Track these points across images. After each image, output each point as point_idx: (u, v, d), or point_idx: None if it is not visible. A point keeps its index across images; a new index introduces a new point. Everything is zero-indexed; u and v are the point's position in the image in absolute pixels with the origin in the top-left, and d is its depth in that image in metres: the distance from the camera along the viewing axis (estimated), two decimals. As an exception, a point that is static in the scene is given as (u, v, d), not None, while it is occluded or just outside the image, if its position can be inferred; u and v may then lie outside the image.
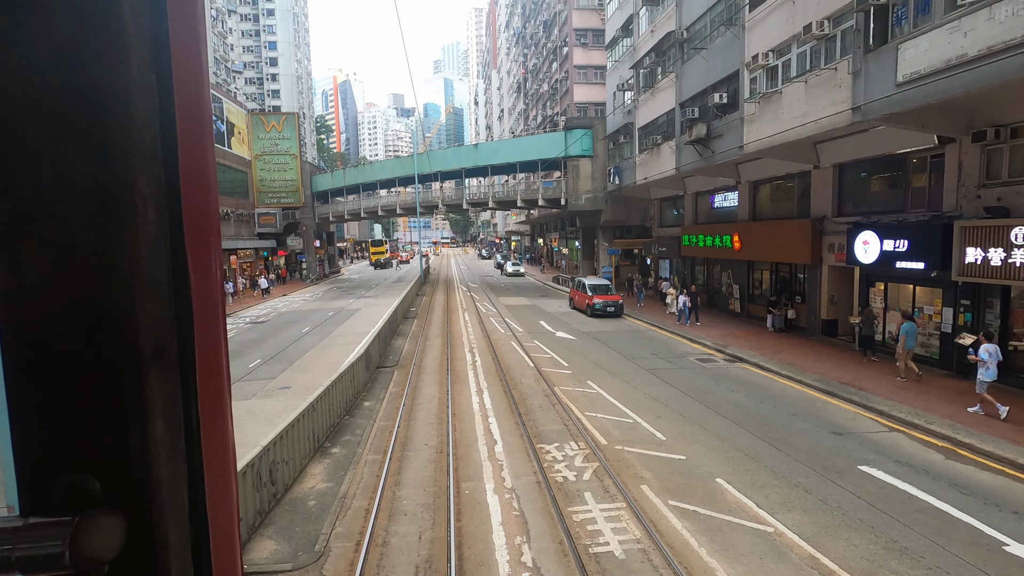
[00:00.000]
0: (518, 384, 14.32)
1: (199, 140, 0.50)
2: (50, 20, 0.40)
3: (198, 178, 0.50)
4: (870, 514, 7.49)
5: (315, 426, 10.09)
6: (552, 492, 8.22)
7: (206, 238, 0.51)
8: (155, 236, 0.46)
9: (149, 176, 0.45)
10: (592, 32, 46.40)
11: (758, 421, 11.27)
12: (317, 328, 24.18)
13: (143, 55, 0.44)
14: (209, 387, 0.51)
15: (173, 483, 0.48)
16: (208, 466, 0.51)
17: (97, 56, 0.42)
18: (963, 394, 12.41)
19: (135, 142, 0.44)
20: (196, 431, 0.50)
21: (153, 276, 0.46)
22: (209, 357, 0.51)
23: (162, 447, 0.47)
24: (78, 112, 0.42)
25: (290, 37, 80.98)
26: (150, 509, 0.47)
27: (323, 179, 51.89)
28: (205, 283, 0.51)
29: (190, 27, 0.48)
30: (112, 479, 0.46)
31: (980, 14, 10.12)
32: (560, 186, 37.95)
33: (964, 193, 13.50)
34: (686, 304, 22.42)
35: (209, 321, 0.52)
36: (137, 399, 0.46)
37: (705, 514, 7.57)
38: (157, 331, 0.47)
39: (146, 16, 0.44)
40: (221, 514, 0.52)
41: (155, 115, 0.45)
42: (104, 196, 0.44)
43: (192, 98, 0.49)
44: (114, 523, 0.45)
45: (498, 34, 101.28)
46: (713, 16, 20.88)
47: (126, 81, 0.43)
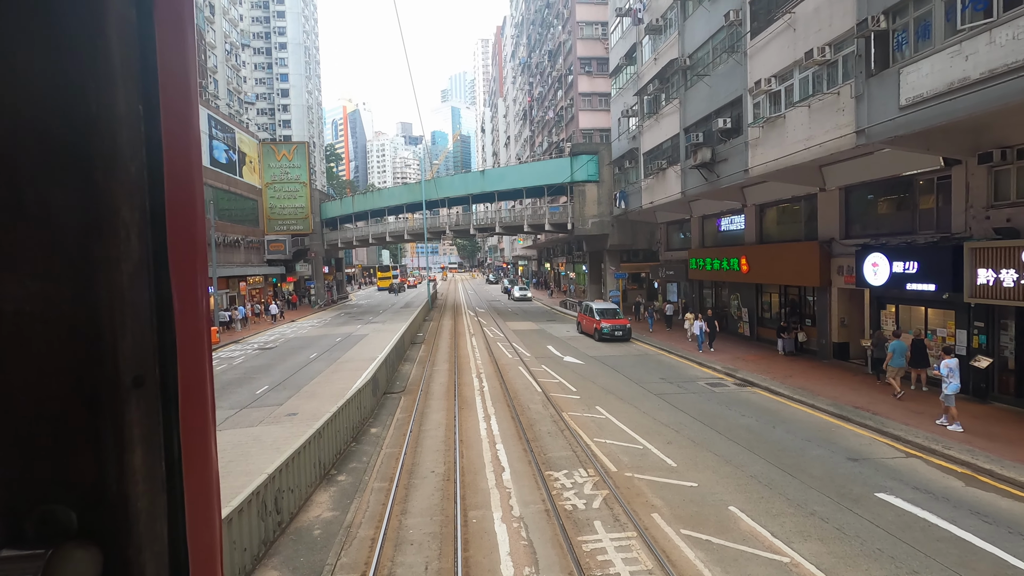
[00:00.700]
0: (526, 410, 14.18)
1: (186, 169, 0.50)
2: (35, 49, 0.40)
3: (184, 207, 0.50)
4: (889, 543, 7.26)
5: (321, 453, 10.00)
6: (561, 521, 8.05)
7: (191, 266, 0.51)
8: (137, 264, 0.46)
9: (133, 205, 0.45)
10: (596, 60, 47.28)
11: (771, 447, 11.06)
12: (325, 354, 24.18)
13: (130, 85, 0.44)
14: (192, 416, 0.51)
15: (152, 515, 0.47)
16: (189, 497, 0.50)
17: (83, 86, 0.42)
18: (981, 418, 12.14)
19: (119, 172, 0.45)
20: (178, 461, 0.49)
21: (135, 304, 0.46)
22: (192, 385, 0.51)
23: (140, 477, 0.46)
24: (63, 142, 0.43)
25: (301, 69, 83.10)
26: (127, 542, 0.46)
27: (332, 206, 52.57)
28: (190, 311, 0.50)
29: (179, 55, 0.48)
30: (88, 510, 0.45)
31: (980, 38, 10.23)
32: (566, 211, 38.20)
33: (973, 214, 13.44)
34: (702, 329, 21.75)
35: (193, 349, 0.51)
36: (115, 428, 0.45)
37: (718, 543, 7.37)
38: (138, 359, 0.46)
39: (134, 46, 0.44)
40: (202, 547, 0.51)
41: (141, 145, 0.46)
42: (86, 225, 0.44)
43: (180, 127, 0.49)
44: (89, 557, 0.44)
45: (504, 64, 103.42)
46: (715, 44, 21.24)
47: (112, 111, 0.44)
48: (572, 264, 52.64)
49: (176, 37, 0.48)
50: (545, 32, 61.24)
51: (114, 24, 0.43)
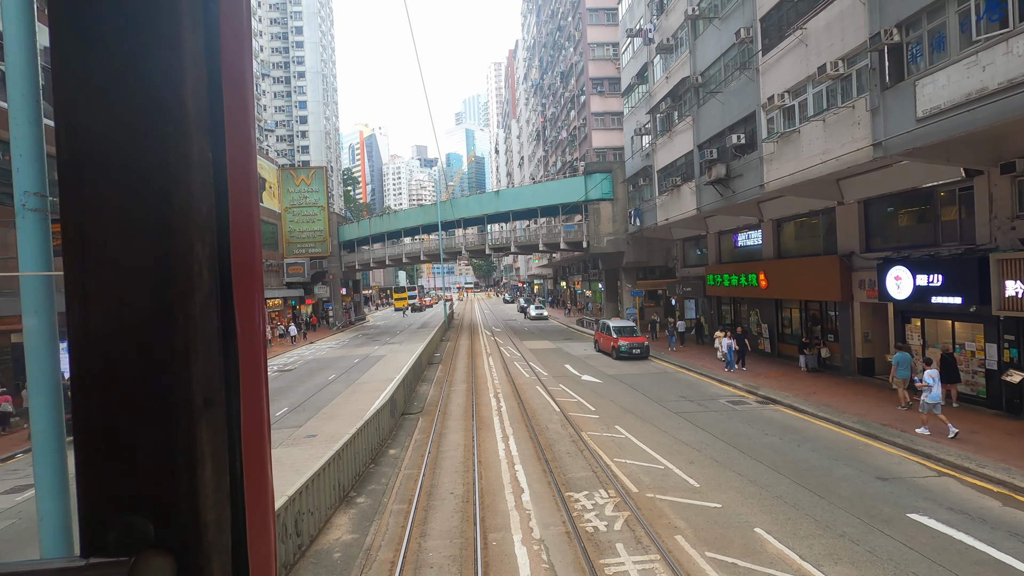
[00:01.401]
0: (544, 430, 14.05)
1: (247, 209, 0.55)
2: (127, 107, 0.47)
3: (245, 243, 0.55)
4: (924, 566, 7.00)
5: (340, 475, 10.00)
6: (583, 543, 7.91)
7: (251, 296, 0.56)
8: (208, 295, 0.51)
9: (204, 242, 0.50)
10: (608, 80, 47.74)
11: (796, 466, 10.79)
12: (343, 375, 24.31)
13: (202, 136, 0.50)
14: (252, 434, 0.55)
15: (219, 525, 0.51)
16: (250, 509, 0.54)
17: (164, 137, 0.48)
18: (1016, 436, 11.73)
19: (194, 212, 0.50)
20: (240, 476, 0.53)
21: (205, 331, 0.50)
22: (252, 406, 0.55)
23: (210, 491, 0.50)
24: (147, 186, 0.48)
25: (319, 96, 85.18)
26: (198, 550, 0.49)
27: (349, 229, 53.34)
28: (250, 337, 0.55)
29: (242, 108, 0.54)
30: (164, 521, 0.49)
31: (997, 48, 10.15)
32: (581, 229, 38.25)
33: (997, 225, 13.17)
34: (731, 348, 20.68)
35: (253, 372, 0.55)
36: (189, 446, 0.50)
37: (745, 567, 7.17)
38: (208, 382, 0.51)
39: (204, 101, 0.50)
40: (260, 556, 0.55)
41: (211, 188, 0.51)
42: (166, 260, 0.49)
43: (242, 171, 0.54)
44: (166, 564, 0.48)
45: (517, 86, 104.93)
46: (727, 61, 21.34)
47: (188, 159, 0.49)
48: (588, 282, 52.52)
49: (239, 93, 0.54)
50: (557, 54, 62.13)
51: (192, 85, 0.49)
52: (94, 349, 0.48)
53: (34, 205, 3.57)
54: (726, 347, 20.86)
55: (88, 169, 0.48)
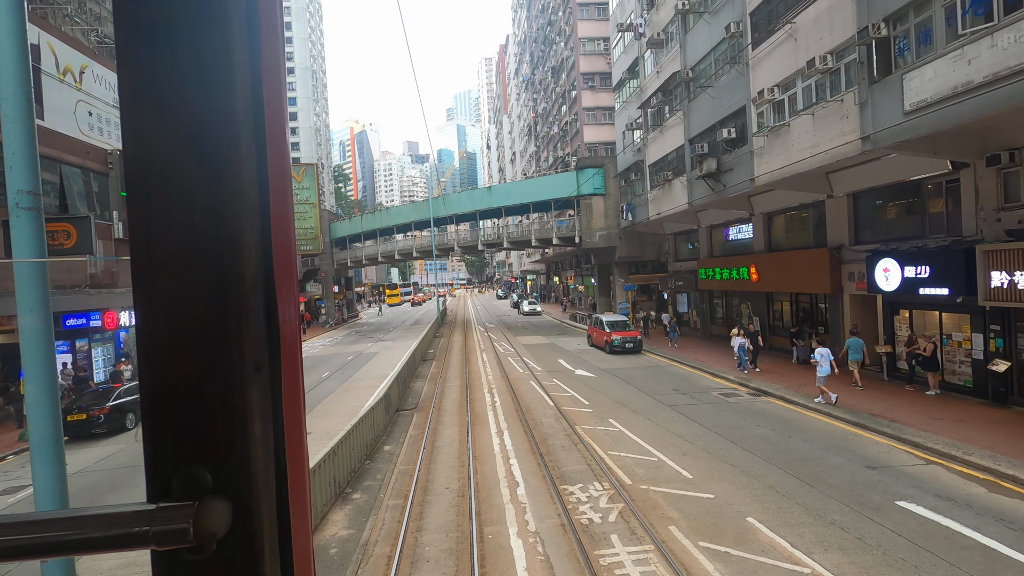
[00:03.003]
0: (539, 424, 14.13)
1: (284, 198, 0.62)
2: (189, 113, 0.55)
3: (283, 228, 0.61)
4: (912, 552, 7.14)
5: (336, 472, 10.03)
6: (577, 535, 8.00)
7: (288, 275, 0.62)
8: (255, 273, 0.57)
9: (252, 227, 0.57)
10: (599, 75, 47.75)
11: (788, 456, 10.94)
12: (337, 372, 24.29)
13: (248, 133, 0.57)
14: (291, 397, 0.61)
15: (267, 476, 0.58)
16: (290, 462, 0.60)
17: (219, 136, 0.55)
18: (1001, 423, 11.95)
19: (243, 200, 0.56)
20: (281, 433, 0.59)
21: (253, 305, 0.57)
22: (291, 372, 0.61)
23: (260, 445, 0.57)
24: (206, 177, 0.55)
25: (309, 92, 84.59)
26: (250, 496, 0.56)
27: (341, 226, 53.12)
28: (288, 312, 0.61)
29: (278, 107, 0.61)
30: (221, 471, 0.55)
31: (982, 42, 10.27)
32: (574, 224, 38.32)
33: (983, 217, 13.36)
34: (743, 346, 19.20)
35: (291, 343, 0.62)
36: (241, 405, 0.56)
37: (737, 555, 7.28)
38: (257, 350, 0.57)
39: (248, 103, 0.57)
40: (299, 503, 0.62)
41: (255, 179, 0.57)
42: (221, 242, 0.56)
43: (280, 164, 0.60)
44: (224, 507, 0.55)
45: (508, 81, 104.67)
46: (717, 55, 21.42)
47: (238, 153, 0.56)
48: (581, 277, 52.67)
49: (277, 94, 0.61)
50: (548, 49, 62.02)
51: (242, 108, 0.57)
52: (161, 320, 0.55)
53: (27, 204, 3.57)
54: (736, 345, 19.54)
55: (153, 168, 0.55)
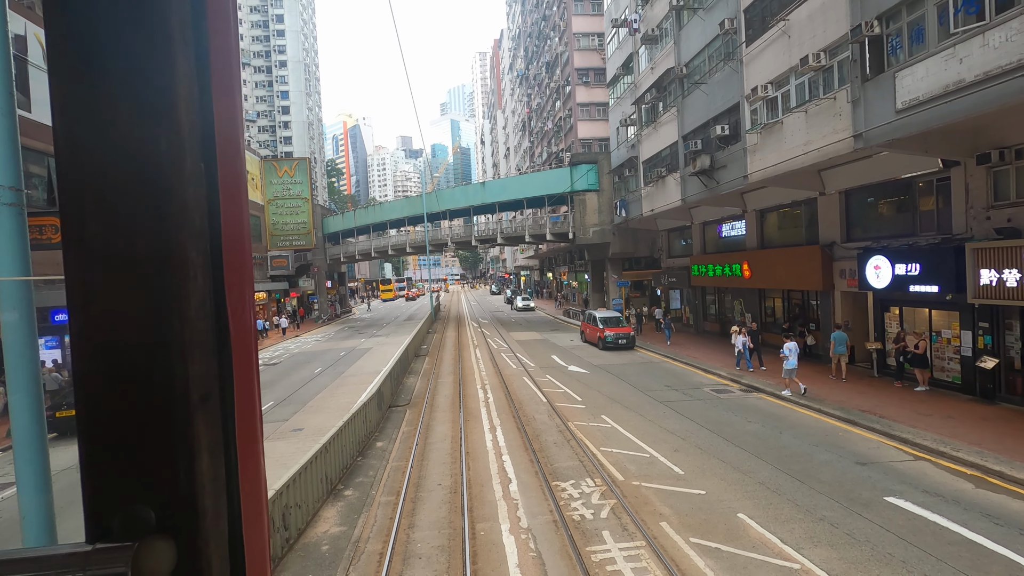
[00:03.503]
0: (531, 420, 14.15)
1: (237, 216, 0.59)
2: (122, 115, 0.50)
3: (236, 249, 0.58)
4: (900, 548, 7.21)
5: (328, 468, 10.00)
6: (569, 531, 8.02)
7: (243, 298, 0.59)
8: (203, 298, 0.54)
9: (198, 249, 0.53)
10: (593, 71, 47.65)
11: (778, 453, 11.01)
12: (329, 368, 24.20)
13: (195, 148, 0.53)
14: (245, 427, 0.58)
15: (216, 512, 0.55)
16: (244, 498, 0.57)
17: (159, 152, 0.51)
18: (989, 420, 12.08)
19: (188, 221, 0.53)
20: (235, 466, 0.57)
21: (200, 332, 0.54)
22: (245, 400, 0.58)
23: (207, 480, 0.54)
24: (145, 197, 0.51)
25: (301, 86, 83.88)
26: (197, 535, 0.53)
27: (334, 221, 52.84)
28: (242, 336, 0.58)
29: (232, 118, 0.57)
30: (165, 509, 0.52)
31: (974, 41, 10.32)
32: (567, 220, 38.32)
33: (973, 215, 13.46)
34: (746, 345, 18.77)
35: (245, 369, 0.59)
36: (186, 439, 0.53)
37: (728, 551, 7.33)
38: (204, 379, 0.54)
39: (196, 115, 0.53)
40: (255, 541, 0.59)
41: (203, 198, 0.54)
42: (163, 266, 0.52)
43: (232, 181, 0.57)
44: (167, 547, 0.51)
45: (502, 76, 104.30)
46: (711, 52, 21.42)
47: (182, 171, 0.52)
48: (574, 273, 52.70)
49: (229, 104, 0.56)
50: (542, 44, 61.81)
51: (184, 92, 0.52)
52: (96, 350, 0.51)
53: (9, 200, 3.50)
54: (740, 344, 19.09)
55: (87, 179, 0.50)
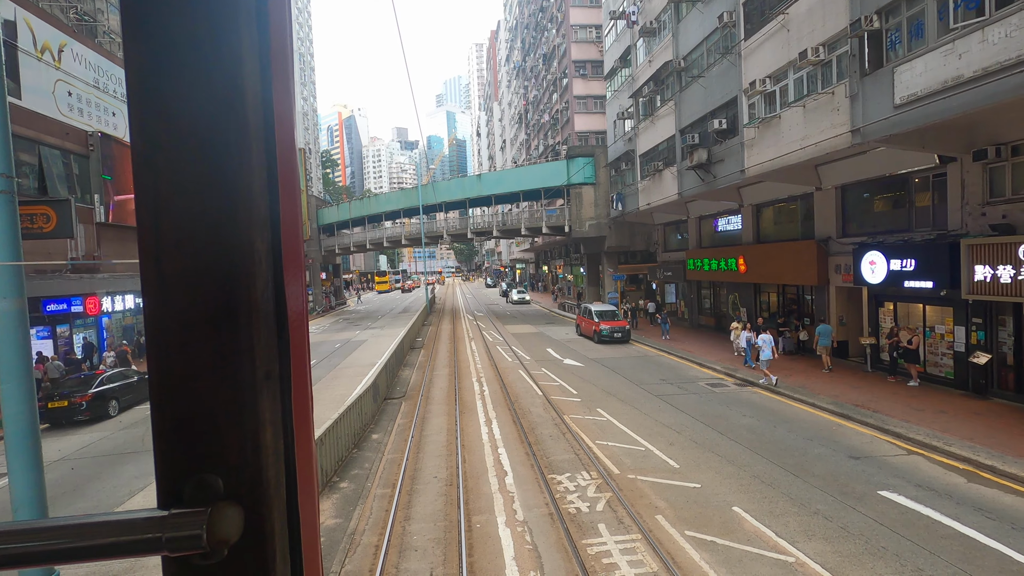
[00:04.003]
0: (527, 413, 14.16)
1: (293, 206, 0.63)
2: (197, 120, 0.55)
3: (292, 238, 0.62)
4: (894, 541, 7.27)
5: (323, 460, 9.97)
6: (565, 524, 8.04)
7: (298, 283, 0.63)
8: (266, 283, 0.58)
9: (263, 238, 0.58)
10: (591, 63, 47.43)
11: (773, 446, 11.07)
12: (324, 360, 24.14)
13: (259, 141, 0.57)
14: (300, 402, 0.62)
15: (278, 482, 0.59)
16: (299, 468, 0.61)
17: (228, 145, 0.55)
18: (981, 414, 12.18)
19: (254, 212, 0.57)
20: (291, 440, 0.61)
21: (264, 314, 0.58)
22: (300, 378, 0.62)
23: (271, 452, 0.58)
24: (216, 189, 0.55)
25: (296, 76, 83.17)
26: (261, 502, 0.57)
27: (329, 212, 52.55)
28: (297, 320, 0.62)
29: (287, 110, 0.61)
30: (232, 478, 0.56)
31: (973, 36, 10.30)
32: (563, 213, 38.26)
33: (969, 211, 13.50)
34: (750, 341, 17.98)
35: (300, 349, 0.63)
36: (253, 413, 0.57)
37: (723, 544, 7.36)
38: (267, 358, 0.58)
39: (259, 109, 0.57)
40: (308, 508, 0.63)
41: (265, 190, 0.58)
42: (233, 254, 0.56)
43: (288, 172, 0.61)
44: (236, 512, 0.55)
45: (499, 68, 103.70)
46: (709, 45, 21.34)
47: (249, 165, 0.56)
48: (570, 266, 52.70)
49: (285, 96, 0.61)
50: (539, 36, 61.44)
51: (251, 96, 0.57)
52: (171, 331, 0.55)
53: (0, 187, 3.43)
54: (744, 341, 18.42)
55: (162, 172, 0.54)
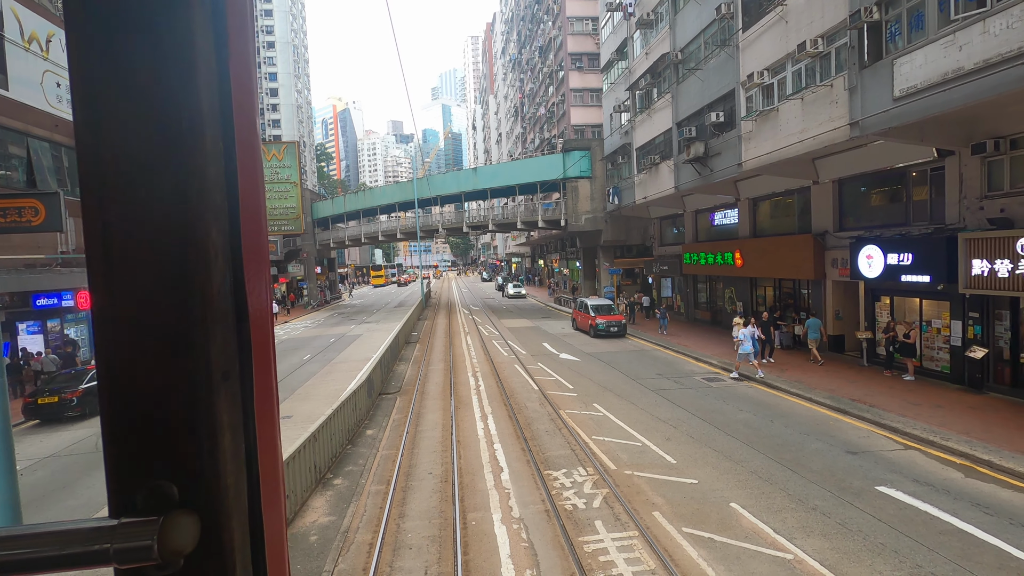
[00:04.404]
0: (523, 408, 14.07)
1: (254, 195, 0.59)
2: (147, 100, 0.52)
3: (253, 229, 0.59)
4: (892, 537, 7.22)
5: (317, 457, 9.85)
6: (562, 521, 7.95)
7: (260, 277, 0.61)
8: (223, 278, 0.55)
9: (219, 229, 0.55)
10: (587, 56, 47.13)
11: (770, 441, 11.02)
12: (319, 355, 23.98)
13: (215, 124, 0.54)
14: (263, 404, 0.60)
15: (238, 489, 0.56)
16: (263, 474, 0.59)
17: (180, 128, 0.53)
18: (977, 409, 12.16)
19: (209, 200, 0.54)
20: (254, 444, 0.58)
21: (221, 311, 0.55)
22: (263, 378, 0.60)
23: (229, 457, 0.56)
24: (167, 175, 0.53)
25: (290, 68, 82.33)
26: (219, 511, 0.55)
27: (323, 206, 52.20)
28: (259, 316, 0.60)
29: (248, 92, 0.59)
30: (188, 485, 0.54)
31: (974, 28, 10.19)
32: (560, 207, 38.09)
33: (967, 205, 13.44)
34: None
35: (262, 347, 0.60)
36: (209, 416, 0.55)
37: (721, 541, 7.30)
38: (225, 357, 0.56)
39: (215, 90, 0.54)
40: (273, 517, 0.60)
41: (222, 177, 0.55)
42: (185, 245, 0.53)
43: (249, 159, 0.58)
44: (191, 521, 0.53)
45: (494, 60, 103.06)
46: (706, 38, 21.16)
47: (203, 148, 0.54)
48: (566, 260, 52.59)
49: (245, 77, 0.58)
50: (535, 28, 61.00)
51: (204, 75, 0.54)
52: (119, 327, 0.53)
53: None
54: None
55: (108, 156, 0.52)
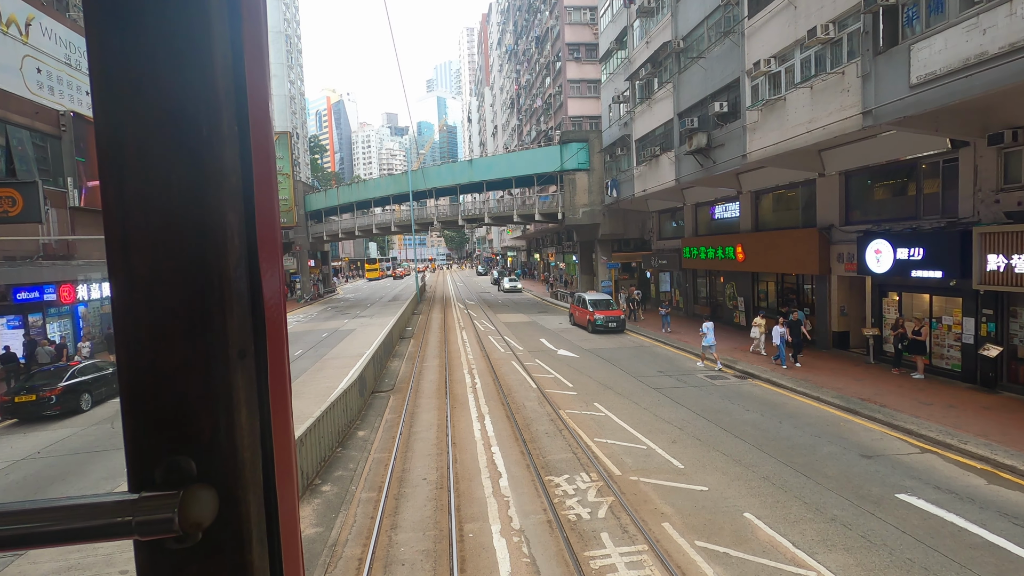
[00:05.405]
0: (521, 408, 13.55)
1: (267, 178, 0.61)
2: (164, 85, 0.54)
3: (267, 213, 0.60)
4: (920, 552, 6.74)
5: (304, 461, 9.30)
6: (565, 533, 7.44)
7: (273, 261, 0.62)
8: (239, 259, 0.57)
9: (235, 212, 0.56)
10: (585, 46, 46.39)
11: (780, 444, 10.54)
12: (310, 351, 23.36)
13: (230, 109, 0.56)
14: (277, 382, 0.61)
15: (254, 464, 0.58)
16: (277, 449, 0.60)
17: (197, 112, 0.54)
18: (992, 409, 11.73)
19: (225, 185, 0.56)
20: (268, 420, 0.59)
21: (237, 291, 0.57)
22: (276, 357, 0.61)
23: (245, 433, 0.57)
24: (184, 156, 0.54)
25: (282, 58, 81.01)
26: (236, 485, 0.56)
27: (317, 198, 51.36)
28: (273, 297, 0.61)
29: (261, 77, 0.60)
30: (206, 459, 0.55)
31: (1000, 10, 9.65)
32: (556, 200, 37.44)
33: (981, 198, 12.96)
34: (783, 338, 16.26)
35: (276, 328, 0.61)
36: (227, 393, 0.56)
37: (737, 556, 6.80)
38: (242, 336, 0.57)
39: (230, 74, 0.56)
40: (287, 490, 0.62)
41: (237, 162, 0.56)
42: (203, 228, 0.55)
43: (262, 142, 0.59)
44: (210, 495, 0.54)
45: (490, 51, 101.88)
46: (710, 25, 20.55)
47: (220, 132, 0.55)
48: (562, 255, 52.00)
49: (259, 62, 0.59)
50: (532, 18, 60.10)
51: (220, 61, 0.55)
52: (139, 310, 0.54)
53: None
54: (778, 337, 16.36)
55: (127, 140, 0.53)
